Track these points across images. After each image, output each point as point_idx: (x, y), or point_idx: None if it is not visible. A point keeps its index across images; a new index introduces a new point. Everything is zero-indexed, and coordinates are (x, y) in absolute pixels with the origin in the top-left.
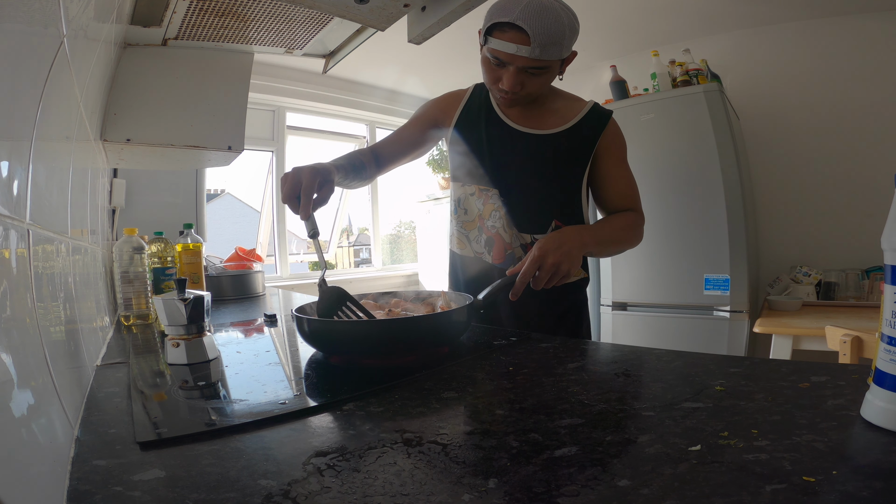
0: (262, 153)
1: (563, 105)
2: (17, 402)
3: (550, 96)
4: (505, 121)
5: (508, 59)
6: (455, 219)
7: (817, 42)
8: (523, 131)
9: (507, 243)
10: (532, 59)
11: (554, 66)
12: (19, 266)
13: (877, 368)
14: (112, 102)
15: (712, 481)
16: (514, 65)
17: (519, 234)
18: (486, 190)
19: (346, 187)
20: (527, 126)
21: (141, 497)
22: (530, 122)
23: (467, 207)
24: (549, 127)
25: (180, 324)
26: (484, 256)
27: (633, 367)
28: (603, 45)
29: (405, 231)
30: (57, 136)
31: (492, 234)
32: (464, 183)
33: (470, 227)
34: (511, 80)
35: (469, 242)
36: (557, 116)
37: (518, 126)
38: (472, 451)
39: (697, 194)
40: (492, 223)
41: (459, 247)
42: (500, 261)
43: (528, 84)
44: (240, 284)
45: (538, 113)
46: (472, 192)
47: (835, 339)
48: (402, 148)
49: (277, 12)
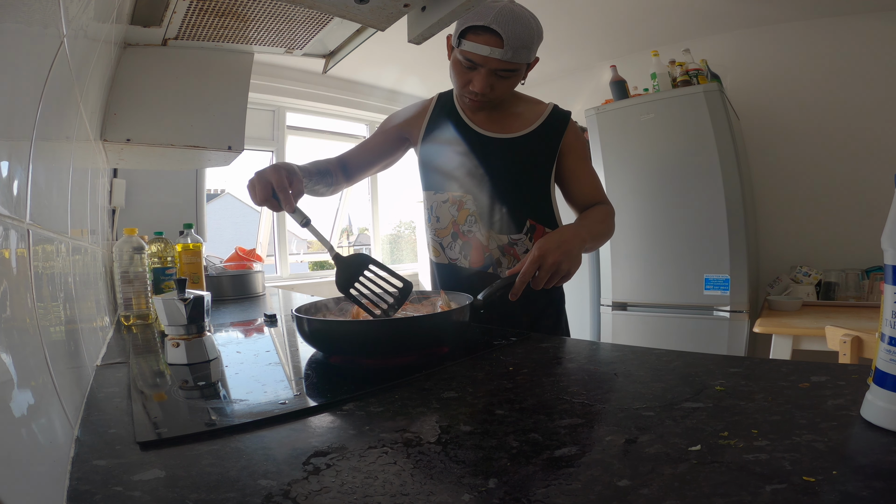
0: (262, 153)
1: (525, 109)
2: (17, 402)
3: (513, 101)
4: (472, 127)
5: (481, 61)
6: (429, 227)
7: (817, 42)
8: (491, 136)
9: (485, 246)
10: (504, 62)
11: (521, 70)
12: (19, 266)
13: (877, 368)
14: (112, 102)
15: (712, 481)
16: (486, 66)
17: (496, 235)
18: (459, 196)
19: (311, 193)
20: (494, 131)
21: (141, 497)
22: (496, 126)
23: (439, 215)
24: (515, 130)
25: (180, 324)
26: (459, 262)
27: (634, 367)
28: (603, 45)
29: (405, 231)
30: (57, 136)
31: (468, 238)
32: (436, 191)
33: (443, 235)
34: (482, 83)
35: (443, 250)
36: (521, 120)
37: (485, 132)
38: (472, 451)
39: (697, 194)
40: (467, 228)
41: (435, 255)
42: (479, 264)
43: (497, 86)
44: (240, 284)
45: (503, 117)
46: (444, 200)
47: (835, 339)
48: (370, 158)
49: (277, 12)
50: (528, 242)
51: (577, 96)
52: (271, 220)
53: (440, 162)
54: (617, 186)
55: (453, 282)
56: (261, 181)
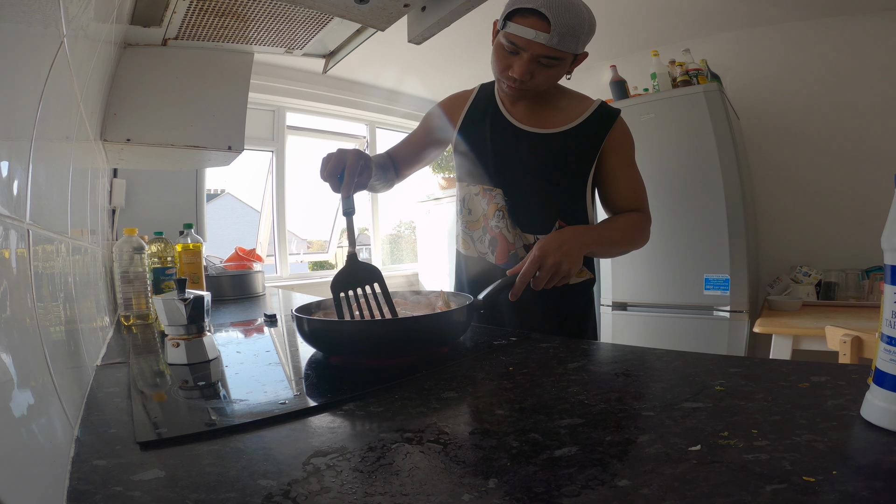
0: (262, 153)
1: (569, 104)
2: (17, 402)
3: (557, 95)
4: (509, 119)
5: (525, 45)
6: (460, 219)
7: (817, 42)
8: (528, 130)
9: (510, 243)
10: (548, 48)
11: (565, 61)
12: (19, 266)
13: (877, 368)
14: (112, 102)
15: (712, 481)
16: (529, 51)
17: (522, 234)
18: (490, 190)
19: (370, 189)
20: (531, 125)
21: (141, 497)
22: (535, 120)
23: (471, 207)
24: (555, 126)
25: (180, 324)
26: (487, 256)
27: (633, 367)
28: (603, 45)
29: (405, 231)
30: (57, 136)
31: (495, 234)
32: (468, 183)
33: (474, 228)
34: (523, 68)
35: (473, 243)
36: (563, 115)
37: (522, 125)
38: (472, 451)
39: (697, 194)
40: (495, 223)
41: (464, 247)
42: (503, 261)
43: (537, 74)
44: (240, 284)
45: (544, 112)
46: (476, 192)
47: (835, 339)
48: (413, 151)
49: (277, 12)
50: None
51: None
52: (271, 220)
53: (474, 153)
54: None
55: (482, 275)
56: (337, 158)
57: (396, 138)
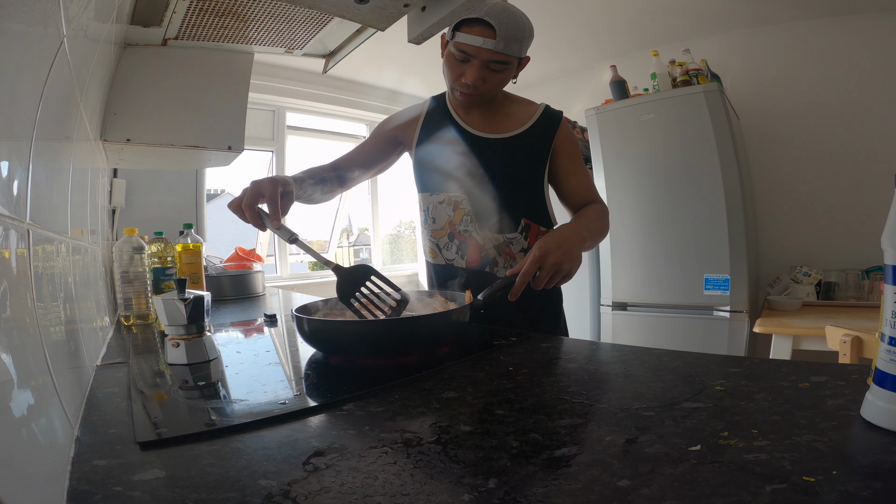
0: (262, 153)
1: (517, 109)
2: (17, 402)
3: (505, 101)
4: (466, 128)
5: (474, 52)
6: (425, 229)
7: (817, 42)
8: (484, 136)
9: (481, 245)
10: (496, 53)
11: (512, 65)
12: (19, 266)
13: (877, 368)
14: (112, 102)
15: (712, 481)
16: (479, 58)
17: (492, 234)
18: (455, 196)
19: (306, 201)
20: (486, 131)
21: (141, 497)
22: (489, 127)
23: (436, 216)
24: (507, 130)
25: (180, 324)
26: (455, 262)
27: (633, 367)
28: (603, 45)
29: (405, 231)
30: (57, 136)
31: (465, 238)
32: (432, 192)
33: (439, 236)
34: (475, 74)
35: (440, 251)
36: (514, 120)
37: (478, 132)
38: (472, 451)
39: (697, 194)
40: (463, 227)
41: (432, 256)
42: (476, 263)
43: (488, 80)
44: (240, 284)
45: (496, 118)
46: (441, 201)
47: (835, 339)
48: (364, 163)
49: (277, 12)
50: (523, 241)
51: (578, 96)
52: None
53: (435, 163)
54: (617, 186)
55: (450, 282)
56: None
57: None
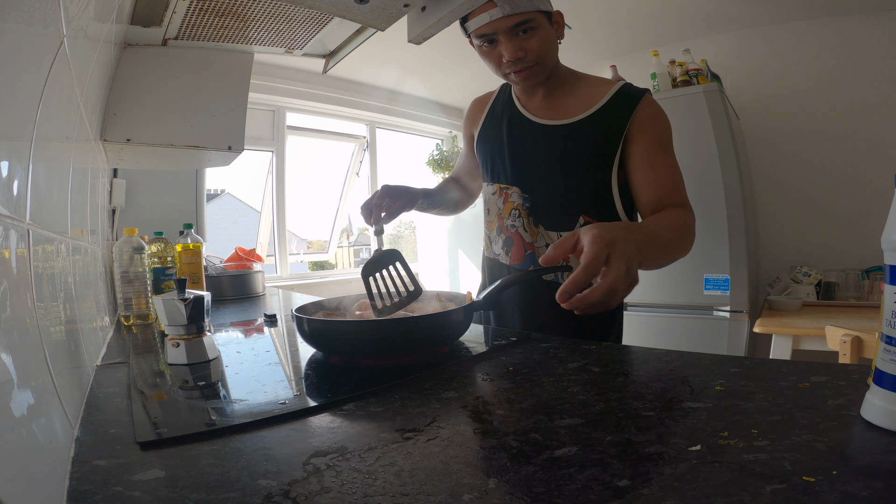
0: (262, 153)
1: (588, 90)
2: (17, 402)
3: (575, 82)
4: (523, 114)
5: (491, 29)
6: (484, 220)
7: (817, 42)
8: (541, 123)
9: (528, 243)
10: (508, 17)
11: (540, 22)
12: (19, 266)
13: (877, 368)
14: (112, 102)
15: (712, 481)
16: (498, 31)
17: (545, 232)
18: (505, 188)
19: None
20: (546, 117)
21: (141, 497)
22: (550, 112)
23: (489, 207)
24: (571, 115)
25: (180, 324)
26: (500, 258)
27: (633, 367)
28: (603, 45)
29: (405, 231)
30: (57, 136)
31: (511, 233)
32: (487, 182)
33: (490, 228)
34: (508, 48)
35: (490, 244)
36: (581, 103)
37: (536, 118)
38: (472, 451)
39: (697, 194)
40: (511, 222)
41: (485, 248)
42: (519, 261)
43: (526, 46)
44: (240, 284)
45: (560, 102)
46: (493, 192)
47: (835, 339)
48: (468, 167)
49: (277, 12)
50: None
51: None
52: (271, 220)
53: (490, 151)
54: None
55: (494, 278)
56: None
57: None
